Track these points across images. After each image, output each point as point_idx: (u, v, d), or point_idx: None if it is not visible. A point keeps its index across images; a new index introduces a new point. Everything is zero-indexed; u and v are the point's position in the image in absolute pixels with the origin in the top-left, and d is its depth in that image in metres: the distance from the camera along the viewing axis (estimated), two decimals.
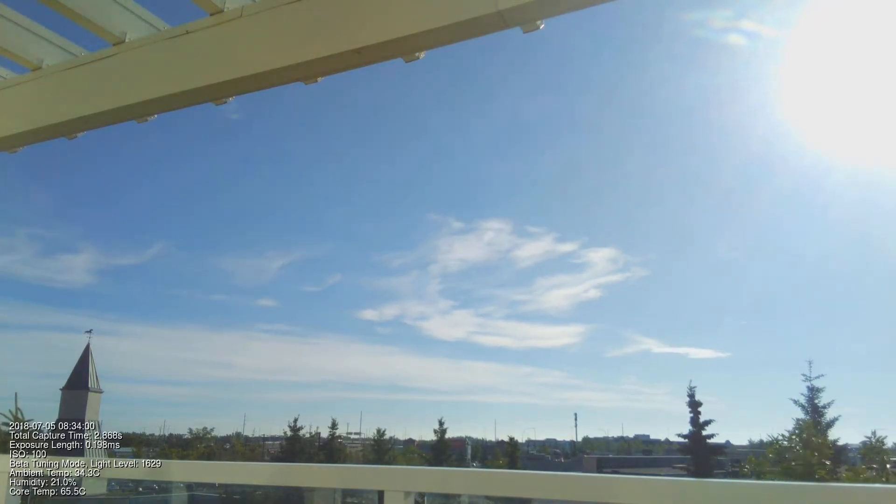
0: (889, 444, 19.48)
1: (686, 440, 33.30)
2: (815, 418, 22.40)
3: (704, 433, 32.58)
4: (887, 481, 17.63)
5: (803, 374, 23.70)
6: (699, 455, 32.50)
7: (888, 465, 18.21)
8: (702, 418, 32.55)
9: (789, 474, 18.12)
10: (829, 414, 23.20)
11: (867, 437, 19.47)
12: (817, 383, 23.54)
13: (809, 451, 18.34)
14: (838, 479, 18.46)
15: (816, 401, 23.38)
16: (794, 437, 19.77)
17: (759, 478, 18.78)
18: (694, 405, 32.66)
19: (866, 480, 17.70)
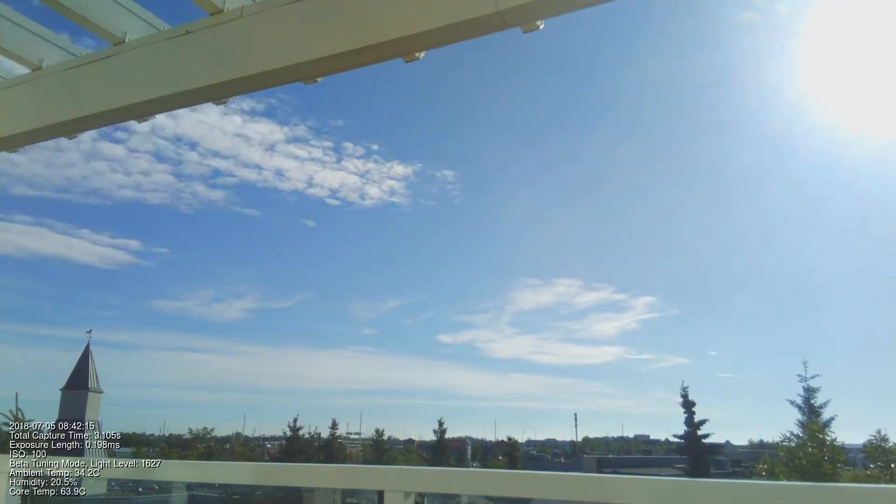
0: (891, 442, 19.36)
1: (681, 440, 33.36)
2: (811, 418, 22.40)
3: (700, 433, 32.62)
4: (892, 481, 17.58)
5: (798, 375, 23.72)
6: (695, 455, 32.54)
7: (893, 465, 18.13)
8: (702, 419, 32.64)
9: (802, 474, 18.05)
10: (825, 414, 23.23)
11: (872, 436, 19.38)
12: (813, 383, 23.57)
13: (818, 450, 18.28)
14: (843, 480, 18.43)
15: (812, 401, 23.38)
16: (805, 438, 19.72)
17: (772, 478, 18.72)
18: (688, 405, 32.70)
19: (870, 480, 17.66)
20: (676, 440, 34.41)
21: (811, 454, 18.25)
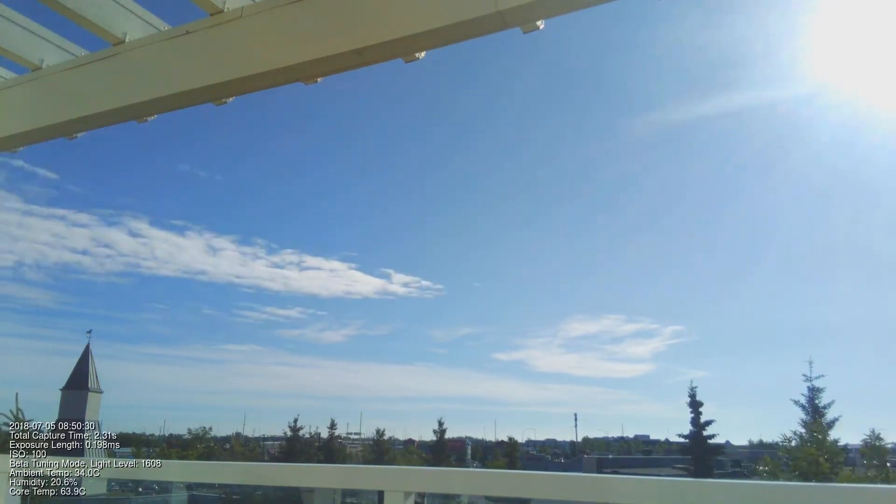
0: (888, 443, 19.36)
1: (686, 440, 33.37)
2: (815, 419, 22.40)
3: (705, 433, 32.64)
4: (887, 480, 17.58)
5: (804, 375, 23.71)
6: (699, 455, 32.55)
7: (888, 465, 18.15)
8: (708, 419, 32.65)
9: (801, 475, 18.06)
10: (830, 414, 23.23)
11: (866, 436, 19.41)
12: (818, 383, 23.57)
13: (816, 451, 18.28)
14: (842, 480, 18.40)
15: (817, 401, 23.38)
16: (804, 438, 19.75)
17: (773, 478, 18.73)
18: (695, 405, 32.71)
19: (867, 480, 17.65)
20: (679, 440, 34.46)
21: (809, 454, 18.24)
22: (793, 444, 20.19)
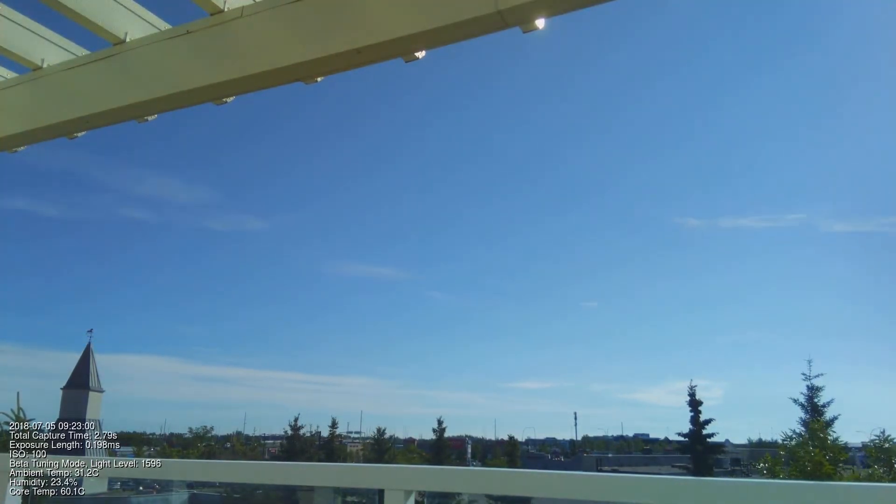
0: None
1: (686, 439, 33.39)
2: (814, 417, 22.41)
3: (704, 432, 32.65)
4: (894, 480, 17.56)
5: (803, 374, 23.74)
6: (699, 454, 32.57)
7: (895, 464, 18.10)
8: (707, 418, 32.66)
9: (802, 473, 18.02)
10: (829, 413, 23.25)
11: (876, 436, 19.33)
12: (817, 382, 23.60)
13: (819, 451, 18.25)
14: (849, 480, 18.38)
15: (816, 400, 23.40)
16: (805, 437, 19.73)
17: (773, 476, 18.69)
18: (694, 404, 32.72)
19: (872, 480, 17.64)
20: (679, 438, 34.49)
21: (812, 453, 18.21)
22: (793, 442, 20.15)
